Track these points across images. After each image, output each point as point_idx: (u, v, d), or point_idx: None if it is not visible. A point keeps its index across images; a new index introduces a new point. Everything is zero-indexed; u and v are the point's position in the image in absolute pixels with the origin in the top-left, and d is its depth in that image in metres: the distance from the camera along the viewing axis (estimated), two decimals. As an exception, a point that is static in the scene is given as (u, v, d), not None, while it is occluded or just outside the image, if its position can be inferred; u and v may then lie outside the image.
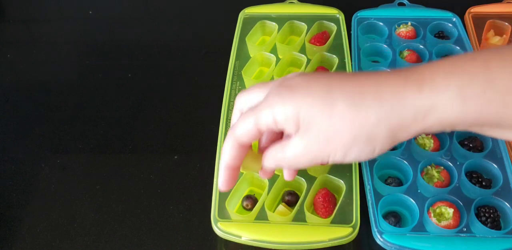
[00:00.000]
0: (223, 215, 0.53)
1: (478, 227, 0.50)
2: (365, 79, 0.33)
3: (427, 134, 0.57)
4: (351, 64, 0.67)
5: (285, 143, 0.36)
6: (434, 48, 0.66)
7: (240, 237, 0.51)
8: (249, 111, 0.36)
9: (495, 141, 0.57)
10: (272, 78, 0.64)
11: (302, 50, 0.69)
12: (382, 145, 0.33)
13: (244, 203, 0.54)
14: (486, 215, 0.51)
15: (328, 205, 0.52)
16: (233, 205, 0.54)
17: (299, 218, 0.52)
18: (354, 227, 0.51)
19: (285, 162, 0.37)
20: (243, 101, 0.39)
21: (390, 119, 0.32)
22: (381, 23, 0.72)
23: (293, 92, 0.34)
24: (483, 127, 0.34)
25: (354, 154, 0.34)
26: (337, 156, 0.34)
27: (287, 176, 0.44)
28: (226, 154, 0.38)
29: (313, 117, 0.33)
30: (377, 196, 0.53)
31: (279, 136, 0.41)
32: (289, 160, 0.36)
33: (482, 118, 0.32)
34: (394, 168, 0.56)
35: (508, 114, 0.31)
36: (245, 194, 0.55)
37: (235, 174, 0.40)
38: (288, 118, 0.34)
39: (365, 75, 0.34)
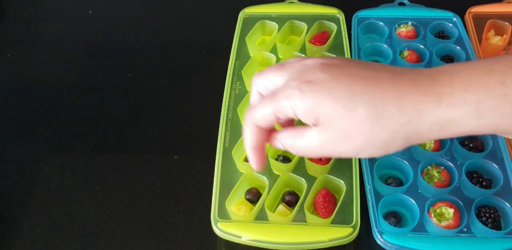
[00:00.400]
0: (223, 215, 0.53)
1: (478, 227, 0.50)
2: (387, 87, 0.35)
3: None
4: (351, 64, 0.67)
5: (300, 131, 0.38)
6: (434, 48, 0.66)
7: (240, 237, 0.51)
8: (268, 99, 0.38)
9: (495, 141, 0.57)
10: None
11: (302, 50, 0.69)
12: (396, 148, 0.36)
13: (247, 196, 0.54)
14: (487, 215, 0.51)
15: (328, 205, 0.52)
16: (233, 205, 0.54)
17: (299, 218, 0.52)
18: (354, 227, 0.51)
19: (294, 149, 0.39)
20: (260, 84, 0.40)
21: (407, 129, 0.34)
22: (381, 23, 0.71)
23: (314, 89, 0.35)
24: (496, 134, 0.35)
25: (368, 153, 0.36)
26: (350, 153, 0.36)
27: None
28: (248, 137, 0.40)
29: (334, 117, 0.35)
30: (377, 196, 0.53)
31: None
32: (299, 149, 0.38)
33: (496, 129, 0.34)
34: (394, 168, 0.56)
35: None
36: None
37: (263, 153, 0.41)
38: (308, 112, 0.36)
39: (386, 81, 0.35)
